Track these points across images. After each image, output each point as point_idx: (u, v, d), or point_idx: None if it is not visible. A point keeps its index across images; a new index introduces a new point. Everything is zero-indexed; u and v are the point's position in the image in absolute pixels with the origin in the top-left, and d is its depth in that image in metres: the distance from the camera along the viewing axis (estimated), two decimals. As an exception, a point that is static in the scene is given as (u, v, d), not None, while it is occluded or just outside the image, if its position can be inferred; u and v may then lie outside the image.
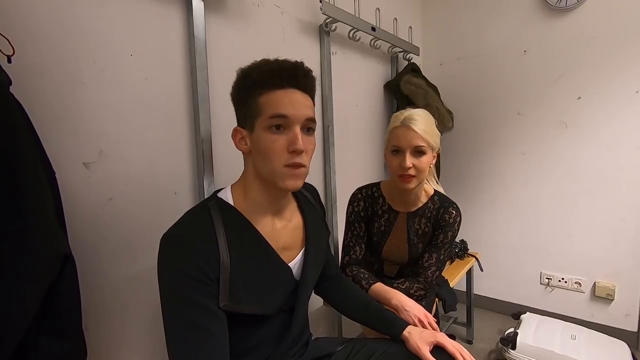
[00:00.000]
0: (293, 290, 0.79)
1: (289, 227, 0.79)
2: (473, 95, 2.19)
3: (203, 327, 0.63)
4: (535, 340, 1.61)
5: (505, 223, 2.17)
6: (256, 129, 0.67)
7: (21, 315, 0.60)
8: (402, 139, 1.05)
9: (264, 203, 0.74)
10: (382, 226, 1.20)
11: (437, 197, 1.19)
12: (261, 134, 0.66)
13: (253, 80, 0.67)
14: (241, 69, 0.71)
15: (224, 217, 0.68)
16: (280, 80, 0.66)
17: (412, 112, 1.07)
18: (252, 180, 0.73)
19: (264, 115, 0.66)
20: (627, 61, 1.73)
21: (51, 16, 0.80)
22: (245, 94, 0.68)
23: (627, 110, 1.75)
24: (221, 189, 0.77)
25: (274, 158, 0.66)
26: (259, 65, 0.69)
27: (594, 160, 1.86)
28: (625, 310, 1.86)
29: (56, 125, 0.81)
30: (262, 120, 0.66)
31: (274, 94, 0.66)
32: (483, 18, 2.12)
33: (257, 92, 0.67)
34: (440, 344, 0.84)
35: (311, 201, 0.90)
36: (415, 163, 1.04)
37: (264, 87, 0.66)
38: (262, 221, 0.73)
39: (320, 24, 1.52)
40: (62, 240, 0.67)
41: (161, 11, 1.00)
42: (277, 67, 0.67)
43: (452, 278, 1.61)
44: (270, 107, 0.65)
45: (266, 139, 0.66)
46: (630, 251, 1.81)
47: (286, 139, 0.66)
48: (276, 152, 0.66)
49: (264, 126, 0.66)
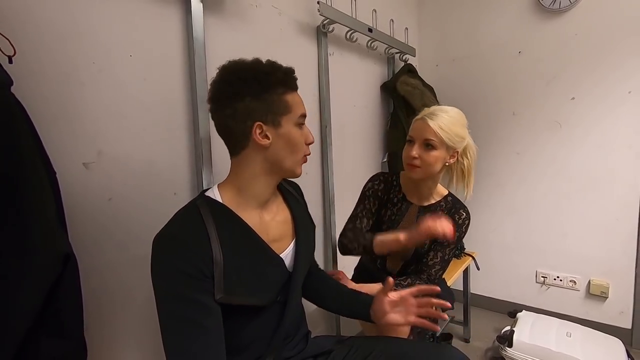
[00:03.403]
0: (286, 281, 0.81)
1: (276, 219, 0.81)
2: (468, 95, 2.21)
3: (198, 323, 0.64)
4: (532, 338, 1.63)
5: (501, 222, 2.19)
6: (284, 124, 0.73)
7: (22, 316, 0.60)
8: (416, 130, 1.10)
9: (260, 197, 0.77)
10: (393, 214, 1.21)
11: (450, 198, 1.22)
12: (292, 129, 0.74)
13: (280, 80, 0.72)
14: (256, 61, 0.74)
15: (213, 214, 0.70)
16: (294, 83, 0.76)
17: (438, 109, 1.10)
18: (258, 175, 0.75)
19: (294, 114, 0.74)
20: (619, 62, 1.76)
21: (51, 17, 0.80)
22: (271, 90, 0.71)
23: (620, 110, 1.78)
24: (207, 189, 0.79)
25: (299, 150, 0.76)
26: (275, 66, 0.74)
27: (588, 160, 1.89)
28: (619, 308, 1.88)
29: (56, 126, 0.82)
30: (291, 117, 0.74)
31: (294, 95, 0.75)
32: (478, 19, 2.14)
33: (281, 90, 0.72)
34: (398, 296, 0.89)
35: (295, 195, 0.92)
36: (423, 155, 1.07)
37: (289, 87, 0.74)
38: (250, 215, 0.75)
39: (317, 25, 1.53)
40: (63, 239, 0.67)
41: (160, 12, 1.00)
42: (286, 70, 0.74)
43: (449, 277, 1.63)
44: (297, 107, 0.75)
45: (297, 134, 0.75)
46: (624, 249, 1.84)
47: (305, 134, 0.77)
48: (302, 145, 0.76)
49: (294, 122, 0.74)
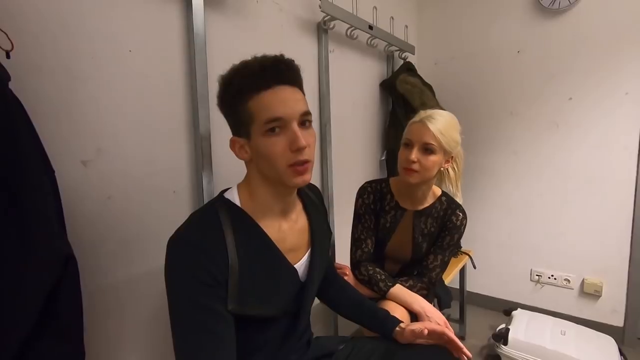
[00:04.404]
0: (299, 291, 0.79)
1: (295, 228, 0.78)
2: (466, 94, 2.21)
3: (211, 330, 0.62)
4: (526, 336, 1.65)
5: (497, 221, 2.20)
6: (253, 136, 0.65)
7: (23, 318, 0.59)
8: (414, 133, 1.07)
9: (272, 205, 0.73)
10: (387, 222, 1.19)
11: (444, 198, 1.19)
12: (260, 140, 0.65)
13: (236, 87, 0.65)
14: (221, 77, 0.68)
15: (232, 219, 0.67)
16: (265, 80, 0.64)
17: (436, 112, 1.08)
18: (259, 184, 0.72)
19: (258, 121, 0.64)
20: (617, 63, 1.77)
21: (49, 11, 0.78)
22: (232, 103, 0.66)
23: (617, 111, 1.80)
24: (227, 189, 0.76)
25: (277, 161, 0.65)
26: (238, 69, 0.66)
27: (584, 160, 1.90)
28: (612, 306, 1.91)
29: (54, 122, 0.79)
30: (257, 127, 0.64)
31: (262, 97, 0.63)
32: (477, 18, 2.14)
33: (243, 98, 0.64)
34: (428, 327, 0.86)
35: (315, 201, 0.90)
36: (422, 159, 1.05)
37: (249, 91, 0.64)
38: (269, 223, 0.73)
39: (318, 22, 1.51)
40: (63, 240, 0.66)
41: (160, 7, 0.98)
42: (257, 67, 0.64)
43: (446, 275, 1.63)
44: (262, 112, 0.63)
45: (266, 144, 0.64)
46: (618, 249, 1.86)
47: (286, 139, 0.65)
48: (278, 154, 0.65)
49: (260, 132, 0.64)
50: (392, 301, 1.08)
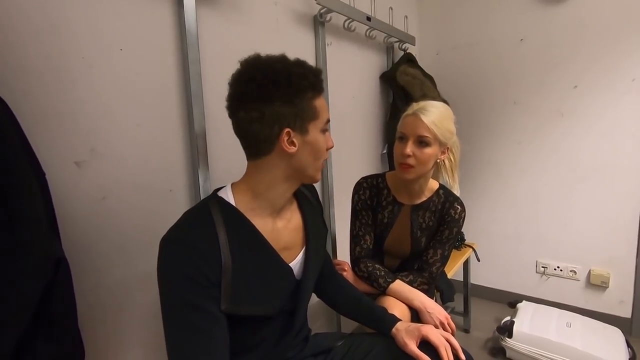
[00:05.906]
0: (294, 290, 0.79)
1: (289, 227, 0.78)
2: (469, 84, 2.17)
3: (204, 330, 0.62)
4: (532, 328, 1.64)
5: (502, 212, 2.18)
6: (311, 130, 0.70)
7: (15, 321, 0.59)
8: (408, 126, 1.05)
9: (276, 204, 0.74)
10: (385, 218, 1.18)
11: (442, 191, 1.17)
12: (318, 136, 0.71)
13: (311, 83, 0.68)
14: (285, 67, 0.66)
15: (225, 218, 0.67)
16: (322, 86, 0.72)
17: (428, 104, 1.05)
18: (279, 181, 0.71)
19: (321, 119, 0.71)
20: (623, 49, 1.72)
21: (37, 9, 0.76)
22: (303, 96, 0.67)
23: (623, 98, 1.75)
24: (221, 188, 0.75)
25: (322, 156, 0.74)
26: (306, 67, 0.69)
27: (590, 149, 1.86)
28: (619, 297, 1.89)
29: (45, 124, 0.79)
30: (318, 123, 0.71)
31: (321, 100, 0.72)
32: (479, 6, 2.09)
33: (310, 95, 0.69)
34: (425, 338, 0.84)
35: (310, 199, 0.89)
36: (417, 153, 1.03)
37: (317, 91, 0.70)
38: (263, 221, 0.72)
39: (314, 15, 1.48)
40: (54, 243, 0.65)
41: (151, 3, 0.97)
42: (318, 72, 0.71)
43: (449, 269, 1.62)
44: (323, 112, 0.72)
45: (322, 140, 0.73)
46: (625, 239, 1.83)
47: (327, 140, 0.75)
48: (324, 151, 0.74)
49: (319, 128, 0.71)
50: (392, 297, 1.07)
